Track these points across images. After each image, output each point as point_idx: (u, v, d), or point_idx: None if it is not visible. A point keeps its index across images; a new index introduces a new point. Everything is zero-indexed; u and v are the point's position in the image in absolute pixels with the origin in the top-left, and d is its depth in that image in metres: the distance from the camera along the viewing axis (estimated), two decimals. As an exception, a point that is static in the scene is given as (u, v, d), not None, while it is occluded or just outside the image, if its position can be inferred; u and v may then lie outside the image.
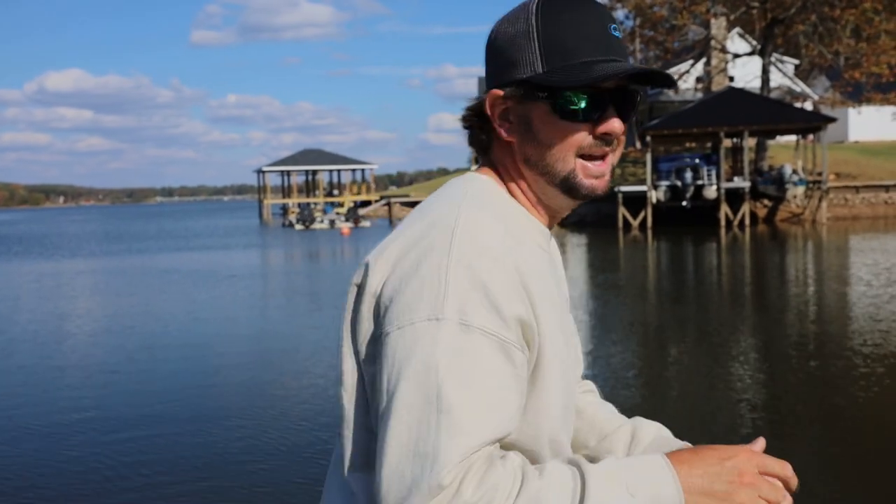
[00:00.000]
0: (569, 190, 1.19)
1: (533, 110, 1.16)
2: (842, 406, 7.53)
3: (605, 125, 1.15)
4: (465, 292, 1.04)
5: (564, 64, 1.13)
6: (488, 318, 1.04)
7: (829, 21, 36.68)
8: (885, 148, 42.94)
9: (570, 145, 1.16)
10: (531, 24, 1.16)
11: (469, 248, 1.07)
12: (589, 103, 1.14)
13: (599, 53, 1.14)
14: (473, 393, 1.02)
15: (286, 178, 72.58)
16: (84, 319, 14.35)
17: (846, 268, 19.06)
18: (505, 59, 1.18)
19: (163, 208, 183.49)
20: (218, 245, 34.93)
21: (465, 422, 1.00)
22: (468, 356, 1.02)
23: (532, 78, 1.15)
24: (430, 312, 1.04)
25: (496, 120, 1.20)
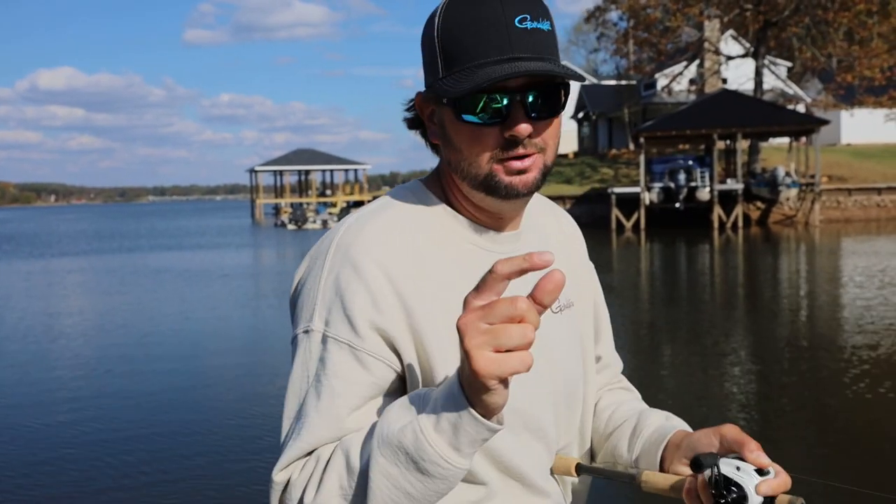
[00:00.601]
0: (490, 191, 1.14)
1: (444, 115, 1.14)
2: (833, 407, 7.53)
3: (510, 129, 1.09)
4: (330, 303, 1.10)
5: (461, 68, 1.09)
6: (342, 327, 1.09)
7: (823, 24, 36.79)
8: (877, 151, 43.11)
9: (480, 149, 1.11)
10: (435, 26, 1.13)
11: (340, 259, 1.12)
12: (490, 107, 1.09)
13: (497, 53, 1.07)
14: (323, 400, 1.08)
15: (279, 178, 72.44)
16: (75, 318, 14.25)
17: (839, 270, 19.09)
18: (424, 62, 1.17)
19: (155, 207, 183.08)
20: (210, 244, 34.81)
21: (308, 426, 1.08)
22: (324, 363, 1.10)
23: (433, 84, 1.14)
24: (305, 325, 1.13)
25: (426, 121, 1.20)
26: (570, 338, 1.31)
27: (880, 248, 23.45)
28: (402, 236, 1.15)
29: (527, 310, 0.87)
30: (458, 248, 1.18)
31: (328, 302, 1.11)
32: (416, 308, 1.10)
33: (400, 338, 1.10)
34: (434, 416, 0.95)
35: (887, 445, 6.40)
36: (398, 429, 0.98)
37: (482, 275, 0.96)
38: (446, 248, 1.17)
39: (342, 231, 1.16)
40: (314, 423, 1.08)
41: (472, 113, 1.09)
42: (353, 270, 1.10)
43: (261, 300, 16.25)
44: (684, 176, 33.99)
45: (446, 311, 1.11)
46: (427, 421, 0.96)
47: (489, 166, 1.12)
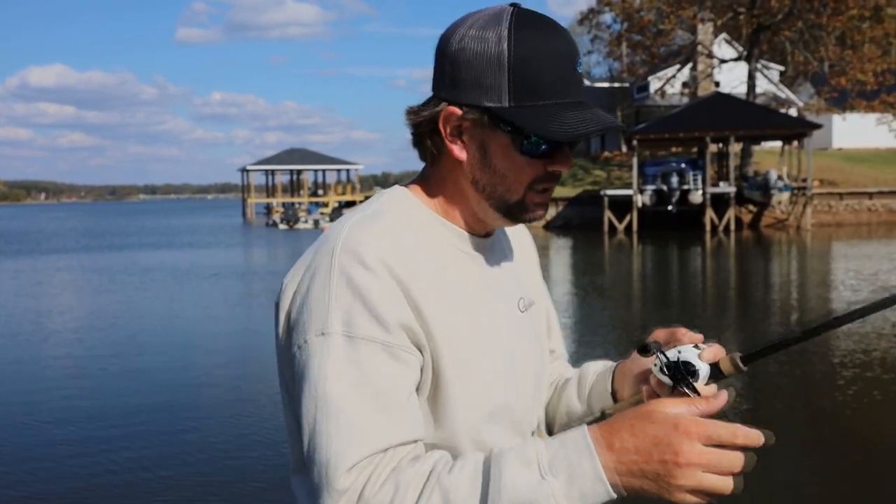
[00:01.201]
0: (511, 216, 1.21)
1: (492, 138, 1.15)
2: (826, 410, 7.52)
3: (559, 164, 1.17)
4: (348, 305, 1.08)
5: (534, 104, 1.11)
6: (370, 326, 1.08)
7: (816, 28, 36.89)
8: (868, 155, 43.27)
9: (525, 179, 1.17)
10: (503, 51, 1.11)
11: (348, 262, 1.10)
12: (547, 143, 1.15)
13: (568, 95, 1.13)
14: (365, 398, 1.05)
15: (270, 178, 72.26)
16: (65, 317, 14.13)
17: (830, 274, 19.11)
18: (469, 77, 1.14)
19: (145, 206, 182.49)
20: (200, 244, 34.69)
21: (358, 426, 1.04)
22: (357, 364, 1.06)
23: (500, 110, 1.13)
24: (318, 328, 1.09)
25: (447, 136, 1.19)
26: (535, 334, 1.37)
27: (871, 252, 23.50)
28: (401, 240, 1.16)
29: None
30: (447, 252, 1.22)
31: (345, 303, 1.09)
32: (423, 309, 1.13)
33: (419, 334, 1.12)
34: (566, 484, 0.97)
35: (880, 447, 6.39)
36: (526, 487, 0.98)
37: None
38: (437, 253, 1.21)
39: (345, 233, 1.15)
40: (365, 422, 1.05)
41: (531, 147, 1.14)
42: (366, 270, 1.10)
43: (252, 299, 16.15)
44: (677, 179, 34.02)
45: (444, 312, 1.15)
46: (559, 489, 0.97)
47: (523, 194, 1.18)
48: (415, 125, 1.22)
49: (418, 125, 1.21)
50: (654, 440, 0.97)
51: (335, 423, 1.04)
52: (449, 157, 1.21)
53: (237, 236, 41.43)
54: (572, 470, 0.97)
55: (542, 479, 0.97)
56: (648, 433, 0.97)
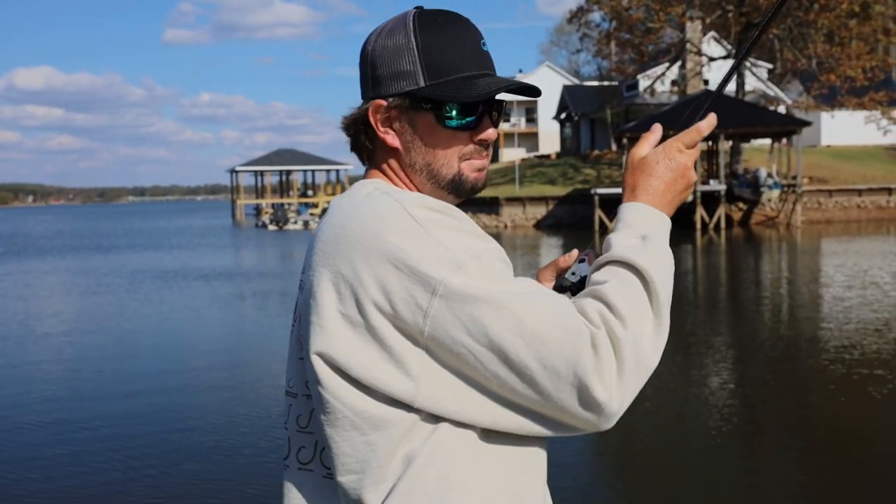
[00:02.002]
0: (455, 189, 1.29)
1: (417, 120, 1.26)
2: (816, 406, 7.56)
3: (483, 133, 1.27)
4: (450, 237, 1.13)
5: (446, 79, 1.23)
6: (482, 243, 1.16)
7: (804, 25, 36.96)
8: (856, 152, 43.41)
9: (454, 151, 1.26)
10: (411, 41, 1.24)
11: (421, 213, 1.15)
12: (468, 114, 1.25)
13: (475, 68, 1.25)
14: (526, 282, 1.16)
15: (260, 179, 71.98)
16: (54, 320, 14.00)
17: (821, 271, 19.15)
18: (386, 71, 1.26)
19: (134, 208, 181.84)
20: (189, 245, 34.52)
21: (556, 300, 1.14)
22: (499, 270, 1.14)
23: (418, 91, 1.23)
24: (448, 267, 1.10)
25: (379, 128, 1.28)
26: None
27: (861, 249, 23.59)
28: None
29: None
30: None
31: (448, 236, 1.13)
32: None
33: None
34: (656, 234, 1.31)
35: (868, 443, 6.41)
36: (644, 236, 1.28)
37: None
38: None
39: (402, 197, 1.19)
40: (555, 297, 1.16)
41: (453, 118, 1.25)
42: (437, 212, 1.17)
43: (242, 300, 16.04)
44: (667, 177, 33.96)
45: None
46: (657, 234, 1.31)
47: (457, 166, 1.27)
48: (346, 126, 1.32)
49: (350, 126, 1.31)
50: (667, 170, 1.32)
51: (542, 295, 1.14)
52: (384, 150, 1.30)
53: (226, 238, 41.21)
54: (652, 228, 1.29)
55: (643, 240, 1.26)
56: (661, 171, 1.32)
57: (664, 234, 1.28)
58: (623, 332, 1.12)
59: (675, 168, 1.31)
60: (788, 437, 6.69)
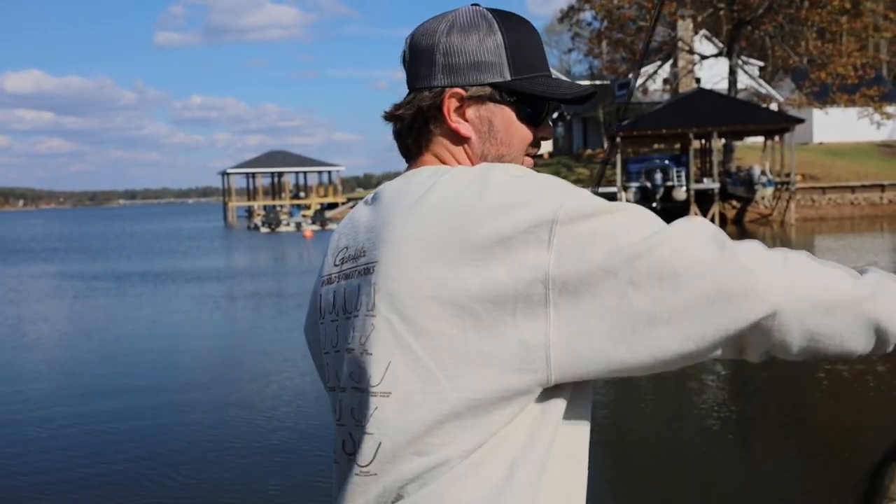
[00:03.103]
0: None
1: (496, 112, 1.28)
2: (812, 405, 7.59)
3: (546, 130, 1.33)
4: (582, 195, 1.13)
5: (531, 75, 1.28)
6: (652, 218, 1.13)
7: (796, 22, 36.98)
8: (848, 149, 43.47)
9: (524, 145, 1.31)
10: (497, 35, 1.27)
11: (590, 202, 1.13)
12: (538, 111, 1.30)
13: (547, 69, 1.31)
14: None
15: (251, 181, 71.73)
16: (45, 325, 13.87)
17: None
18: (466, 62, 1.26)
19: (125, 211, 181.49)
20: (180, 248, 34.38)
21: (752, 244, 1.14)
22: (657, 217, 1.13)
23: (504, 84, 1.26)
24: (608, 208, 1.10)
25: (451, 117, 1.27)
26: None
27: (856, 246, 23.64)
28: None
29: None
30: None
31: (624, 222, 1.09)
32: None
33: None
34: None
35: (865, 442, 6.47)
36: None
37: None
38: None
39: (550, 182, 1.15)
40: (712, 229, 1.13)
41: (530, 115, 1.29)
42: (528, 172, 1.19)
43: (235, 302, 15.90)
44: (661, 175, 33.96)
45: None
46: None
47: (522, 158, 1.32)
48: (412, 116, 1.28)
49: (415, 116, 1.28)
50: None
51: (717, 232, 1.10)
52: (449, 139, 1.29)
53: (218, 240, 41.02)
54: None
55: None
56: None
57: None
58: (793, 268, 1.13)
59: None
60: (785, 435, 6.72)
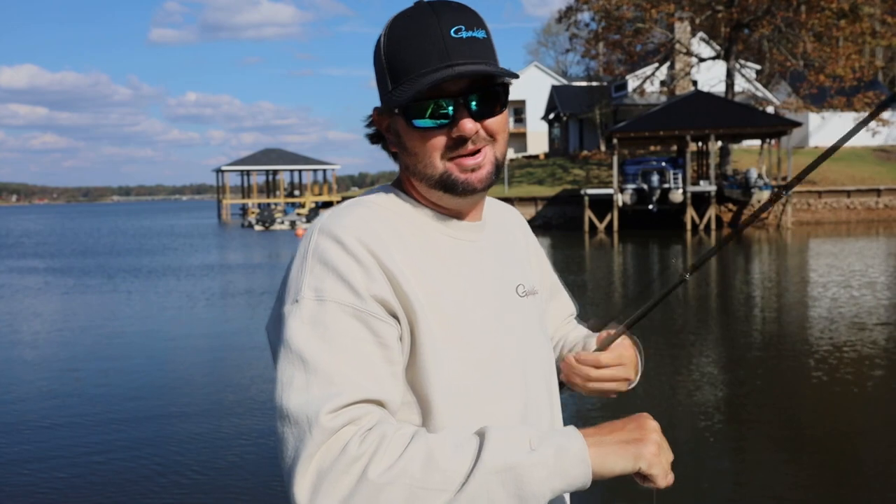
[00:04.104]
0: (447, 188, 1.25)
1: (397, 125, 1.26)
2: (803, 407, 7.61)
3: (457, 129, 1.21)
4: (320, 274, 1.15)
5: (406, 79, 1.20)
6: (341, 292, 1.14)
7: (795, 25, 36.92)
8: (844, 154, 43.40)
9: (432, 151, 1.23)
10: (380, 45, 1.24)
11: (323, 241, 1.18)
12: (435, 111, 1.21)
13: (437, 62, 1.19)
14: (337, 355, 1.10)
15: (246, 178, 71.46)
16: (37, 321, 13.64)
17: (810, 272, 19.11)
18: (376, 80, 1.28)
19: (119, 207, 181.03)
20: (174, 245, 34.19)
21: (335, 379, 1.08)
22: (327, 324, 1.12)
23: (385, 97, 1.25)
24: (293, 297, 1.16)
25: (385, 134, 1.31)
26: (537, 320, 1.43)
27: (851, 250, 23.59)
28: (380, 222, 1.23)
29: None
30: (429, 235, 1.28)
31: (318, 273, 1.15)
32: (401, 284, 1.17)
33: (395, 306, 1.17)
34: (553, 459, 1.07)
35: (855, 444, 6.47)
36: (515, 452, 1.05)
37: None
38: (420, 235, 1.26)
39: (322, 219, 1.22)
40: (341, 375, 1.09)
41: (422, 118, 1.21)
42: (339, 245, 1.16)
43: (227, 299, 15.75)
44: (657, 177, 33.85)
45: (426, 289, 1.21)
46: (546, 457, 1.07)
47: (443, 165, 1.23)
48: (369, 137, 1.35)
49: (371, 137, 1.35)
50: (623, 423, 1.15)
51: (313, 375, 1.08)
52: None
53: (212, 238, 40.79)
54: (560, 451, 1.07)
55: (532, 450, 1.06)
56: (616, 423, 1.16)
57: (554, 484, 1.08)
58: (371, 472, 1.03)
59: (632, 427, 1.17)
60: (776, 437, 6.72)
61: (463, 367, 1.21)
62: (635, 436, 1.13)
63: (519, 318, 1.34)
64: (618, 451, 1.10)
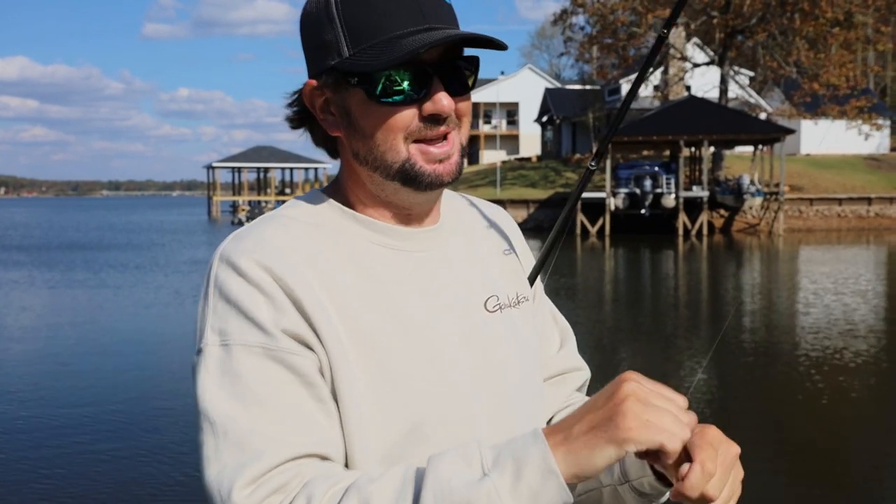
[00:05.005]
0: (409, 181, 1.06)
1: (349, 99, 1.05)
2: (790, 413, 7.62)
3: (431, 104, 1.02)
4: (222, 313, 1.01)
5: (372, 42, 1.00)
6: (248, 332, 0.99)
7: (789, 31, 36.98)
8: (835, 161, 43.59)
9: (396, 131, 1.03)
10: (330, 2, 1.03)
11: (224, 269, 1.03)
12: (409, 81, 1.02)
13: (411, 24, 1.00)
14: (253, 410, 0.96)
15: (237, 175, 71.19)
16: (20, 316, 13.41)
17: (801, 279, 19.15)
18: (312, 44, 1.06)
19: (108, 202, 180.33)
20: (162, 241, 34.00)
21: (253, 442, 0.94)
22: (236, 373, 0.97)
23: (339, 64, 1.02)
24: (198, 344, 1.02)
25: (319, 114, 1.09)
26: (513, 337, 1.17)
27: (841, 258, 23.66)
28: (290, 239, 1.05)
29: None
30: (358, 248, 1.09)
31: (221, 312, 1.01)
32: (316, 312, 1.01)
33: (307, 336, 1.00)
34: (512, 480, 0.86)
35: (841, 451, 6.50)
36: (463, 486, 0.87)
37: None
38: (344, 250, 1.08)
39: (224, 243, 1.07)
40: (262, 438, 0.94)
41: (389, 91, 1.01)
42: (238, 275, 1.01)
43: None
44: (650, 182, 33.81)
45: (348, 314, 1.03)
46: (502, 483, 0.86)
47: (406, 151, 1.04)
48: (290, 120, 1.12)
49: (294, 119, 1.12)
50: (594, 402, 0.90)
51: (224, 440, 0.94)
52: (340, 141, 1.10)
53: (200, 234, 40.57)
54: (519, 464, 0.86)
55: (484, 476, 0.86)
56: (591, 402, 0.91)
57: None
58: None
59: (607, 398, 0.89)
60: (762, 443, 6.75)
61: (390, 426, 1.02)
62: (606, 412, 0.87)
63: (489, 341, 1.13)
64: (590, 441, 0.86)
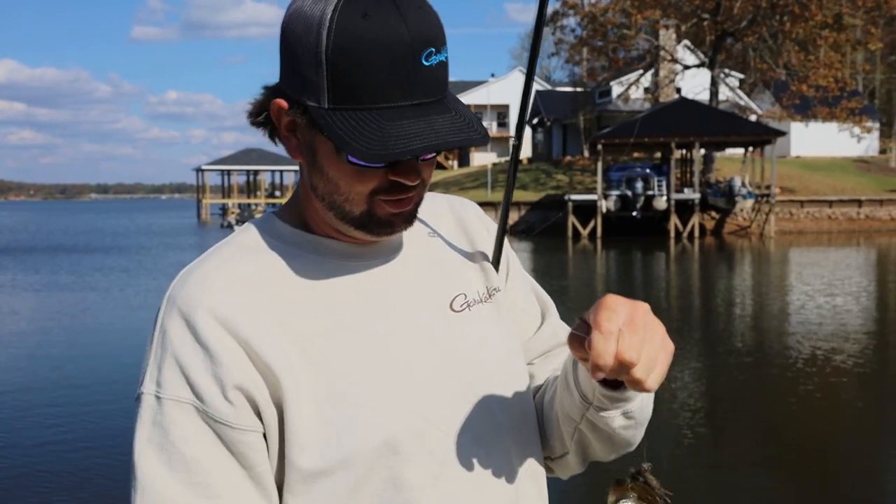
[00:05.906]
0: (364, 227, 1.03)
1: (318, 141, 0.99)
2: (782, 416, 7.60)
3: (395, 175, 0.98)
4: (161, 361, 0.99)
5: (353, 108, 0.93)
6: (180, 387, 0.97)
7: (779, 34, 37.05)
8: (825, 164, 43.70)
9: (361, 189, 0.99)
10: (321, 39, 0.92)
11: (169, 314, 1.00)
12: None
13: (400, 96, 0.92)
14: (177, 472, 0.95)
15: (226, 178, 70.88)
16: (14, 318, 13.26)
17: (792, 281, 19.11)
18: (291, 67, 0.98)
19: (97, 205, 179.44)
20: (150, 244, 33.75)
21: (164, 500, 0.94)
22: (165, 428, 0.96)
23: (316, 112, 0.95)
24: (137, 390, 1.01)
25: (283, 131, 1.03)
26: (482, 335, 1.13)
27: (832, 260, 23.69)
28: (236, 274, 1.02)
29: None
30: (310, 268, 1.05)
31: (159, 360, 0.99)
32: (261, 346, 0.98)
33: (250, 385, 0.97)
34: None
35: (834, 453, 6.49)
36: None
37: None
38: (295, 271, 1.04)
39: (172, 283, 1.04)
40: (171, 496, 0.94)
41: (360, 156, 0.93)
42: (182, 323, 0.99)
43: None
44: (641, 184, 33.76)
45: (295, 339, 1.00)
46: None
47: (368, 204, 1.01)
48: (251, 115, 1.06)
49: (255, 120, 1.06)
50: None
51: (142, 499, 0.95)
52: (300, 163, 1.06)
53: (190, 237, 40.30)
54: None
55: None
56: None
57: None
58: None
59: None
60: (754, 446, 6.72)
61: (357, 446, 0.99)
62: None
63: (456, 341, 1.10)
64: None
